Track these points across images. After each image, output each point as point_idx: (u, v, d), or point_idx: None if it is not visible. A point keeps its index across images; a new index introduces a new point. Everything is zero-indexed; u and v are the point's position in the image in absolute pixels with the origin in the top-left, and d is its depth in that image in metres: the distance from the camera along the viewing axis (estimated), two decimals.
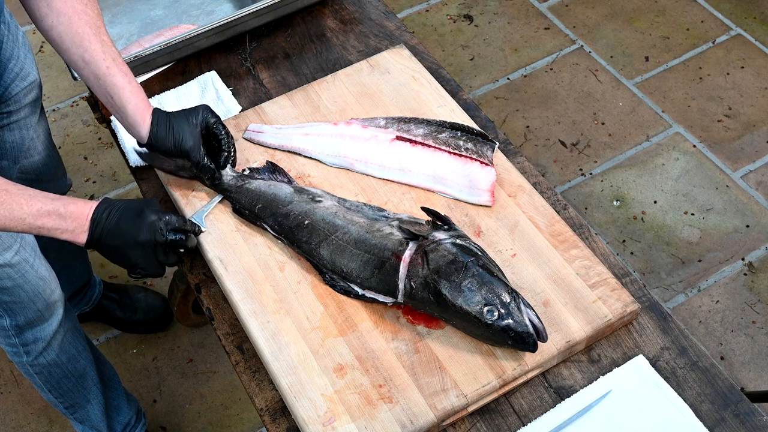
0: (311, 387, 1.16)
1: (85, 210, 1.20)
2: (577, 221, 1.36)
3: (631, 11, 2.93)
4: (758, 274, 2.25)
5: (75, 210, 1.19)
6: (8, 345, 1.53)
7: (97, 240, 1.20)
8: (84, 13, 1.26)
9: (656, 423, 1.13)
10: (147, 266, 1.24)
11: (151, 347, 2.18)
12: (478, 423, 1.16)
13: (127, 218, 1.21)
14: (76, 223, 1.19)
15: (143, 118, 1.30)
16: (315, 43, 1.67)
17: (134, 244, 1.21)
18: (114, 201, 1.23)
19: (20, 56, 1.47)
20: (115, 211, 1.21)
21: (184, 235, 1.25)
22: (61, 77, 2.81)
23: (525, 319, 1.11)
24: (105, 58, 1.27)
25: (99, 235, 1.20)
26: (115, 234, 1.20)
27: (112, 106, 1.30)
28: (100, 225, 1.20)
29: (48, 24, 1.26)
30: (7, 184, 1.15)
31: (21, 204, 1.14)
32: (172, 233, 1.24)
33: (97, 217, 1.20)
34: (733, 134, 2.56)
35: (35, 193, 1.17)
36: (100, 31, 1.27)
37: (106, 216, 1.20)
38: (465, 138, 1.39)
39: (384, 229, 1.24)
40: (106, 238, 1.20)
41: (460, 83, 2.72)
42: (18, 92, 1.49)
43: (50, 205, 1.17)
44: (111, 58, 1.28)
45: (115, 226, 1.20)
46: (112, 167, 2.57)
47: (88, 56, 1.26)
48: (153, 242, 1.22)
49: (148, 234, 1.21)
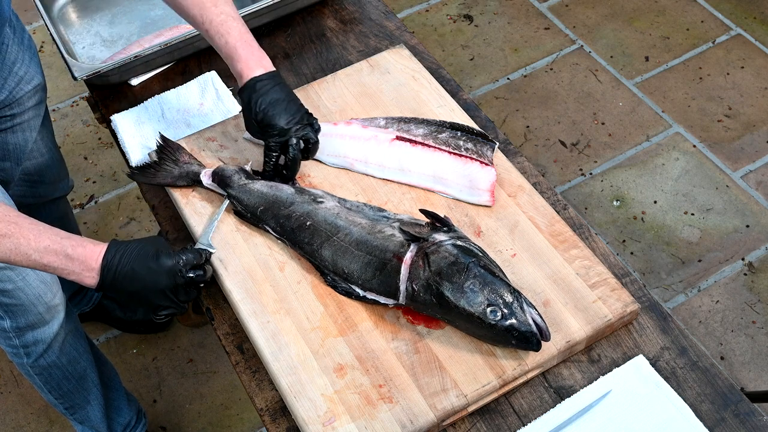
0: (311, 387, 1.16)
1: (93, 254, 1.16)
2: (577, 221, 1.36)
3: (631, 11, 2.93)
4: (758, 274, 2.25)
5: (83, 253, 1.15)
6: (9, 346, 1.53)
7: (110, 284, 1.17)
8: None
9: (656, 423, 1.13)
10: (170, 307, 1.21)
11: (151, 347, 2.18)
12: (478, 423, 1.16)
13: (142, 263, 1.17)
14: (83, 267, 1.15)
15: (246, 66, 1.30)
16: (315, 43, 1.67)
17: (154, 290, 1.18)
18: (123, 243, 1.19)
19: (25, 60, 1.48)
20: (126, 255, 1.17)
21: (202, 271, 1.22)
22: (61, 77, 2.81)
23: (528, 319, 1.11)
24: (220, 12, 1.29)
25: (112, 280, 1.16)
26: (132, 280, 1.17)
27: (224, 51, 1.31)
28: (111, 271, 1.16)
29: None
30: (18, 218, 1.12)
31: (29, 239, 1.11)
32: (192, 271, 1.21)
33: (107, 262, 1.16)
34: (733, 134, 2.56)
35: (45, 229, 1.13)
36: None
37: (117, 260, 1.16)
38: (465, 138, 1.39)
39: (385, 230, 1.24)
40: (122, 283, 1.17)
41: (460, 83, 2.72)
42: (22, 96, 1.49)
43: (58, 244, 1.13)
44: (228, 12, 1.30)
45: (130, 271, 1.16)
46: (112, 167, 2.57)
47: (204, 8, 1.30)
48: (174, 286, 1.19)
49: (168, 280, 1.18)
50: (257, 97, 1.27)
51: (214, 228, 1.32)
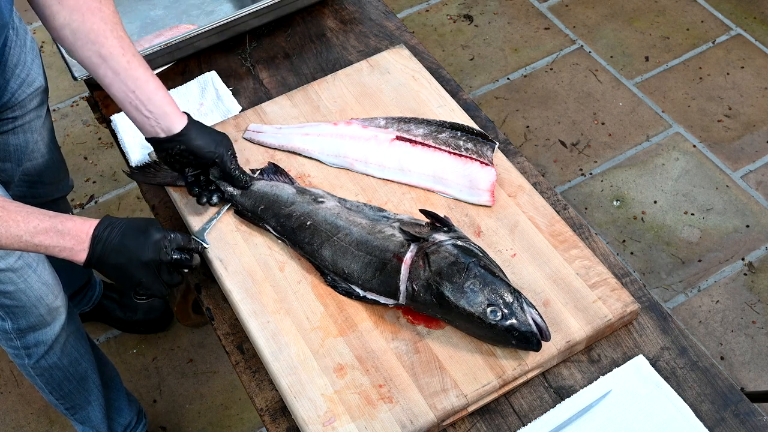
0: (311, 387, 1.16)
1: (84, 227, 1.16)
2: (577, 221, 1.36)
3: (631, 11, 2.93)
4: (758, 274, 2.25)
5: (74, 227, 1.15)
6: (10, 347, 1.53)
7: (98, 258, 1.16)
8: (99, 10, 1.23)
9: (656, 423, 1.13)
10: (150, 286, 1.20)
11: (151, 347, 2.18)
12: (478, 423, 1.16)
13: (130, 236, 1.17)
14: (74, 241, 1.15)
15: (174, 110, 1.26)
16: (315, 43, 1.67)
17: (138, 262, 1.17)
18: (115, 219, 1.19)
19: (27, 62, 1.47)
20: (117, 228, 1.17)
21: (188, 255, 1.22)
22: (61, 77, 2.81)
23: (528, 319, 1.11)
24: (125, 53, 1.23)
25: (100, 253, 1.16)
26: (119, 252, 1.17)
27: (132, 101, 1.25)
28: (101, 242, 1.16)
29: (59, 22, 1.23)
30: (4, 201, 1.11)
31: (18, 221, 1.11)
32: (177, 252, 1.21)
33: (98, 234, 1.16)
34: (733, 134, 2.56)
35: (33, 210, 1.13)
36: (116, 28, 1.24)
37: (107, 233, 1.17)
38: (465, 138, 1.39)
39: (386, 230, 1.24)
40: (109, 256, 1.17)
41: (460, 83, 2.72)
42: (24, 98, 1.49)
43: (48, 222, 1.13)
44: (131, 53, 1.24)
45: (118, 243, 1.17)
46: (112, 167, 2.57)
47: (106, 51, 1.22)
48: (158, 261, 1.18)
49: (153, 253, 1.18)
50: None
51: (212, 225, 1.33)
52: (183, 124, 1.26)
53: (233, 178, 1.31)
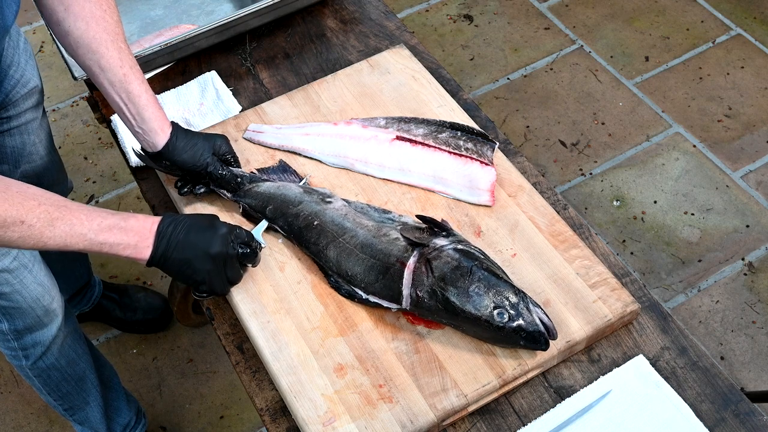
0: (311, 387, 1.16)
1: (147, 224, 1.15)
2: (577, 221, 1.36)
3: (631, 11, 2.93)
4: (758, 274, 2.25)
5: (136, 224, 1.14)
6: (7, 349, 1.53)
7: (162, 254, 1.16)
8: (102, 20, 1.24)
9: (656, 423, 1.13)
10: (215, 281, 1.20)
11: (151, 347, 2.18)
12: (478, 423, 1.16)
13: (196, 231, 1.17)
14: (138, 237, 1.14)
15: (161, 127, 1.28)
16: (315, 43, 1.67)
17: (206, 256, 1.17)
18: (178, 215, 1.19)
19: (21, 62, 1.47)
20: (181, 224, 1.17)
21: (251, 251, 1.23)
22: (61, 77, 2.81)
23: (535, 319, 1.11)
24: (122, 65, 1.24)
25: (165, 249, 1.16)
26: (185, 247, 1.16)
27: (126, 114, 1.27)
28: (166, 238, 1.15)
29: (64, 29, 1.24)
30: (65, 201, 1.10)
31: (81, 219, 1.09)
32: (243, 246, 1.21)
33: (162, 229, 1.15)
34: (733, 134, 2.56)
35: (93, 209, 1.12)
36: (117, 38, 1.25)
37: (172, 229, 1.16)
38: (465, 138, 1.39)
39: (390, 233, 1.23)
40: (175, 251, 1.16)
41: (460, 83, 2.72)
42: (18, 98, 1.49)
43: (110, 219, 1.12)
44: (128, 66, 1.25)
45: (184, 238, 1.16)
46: (112, 167, 2.57)
47: (105, 63, 1.24)
48: (225, 255, 1.18)
49: (221, 246, 1.18)
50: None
51: (265, 226, 1.32)
52: (164, 142, 1.29)
53: (225, 182, 1.33)
